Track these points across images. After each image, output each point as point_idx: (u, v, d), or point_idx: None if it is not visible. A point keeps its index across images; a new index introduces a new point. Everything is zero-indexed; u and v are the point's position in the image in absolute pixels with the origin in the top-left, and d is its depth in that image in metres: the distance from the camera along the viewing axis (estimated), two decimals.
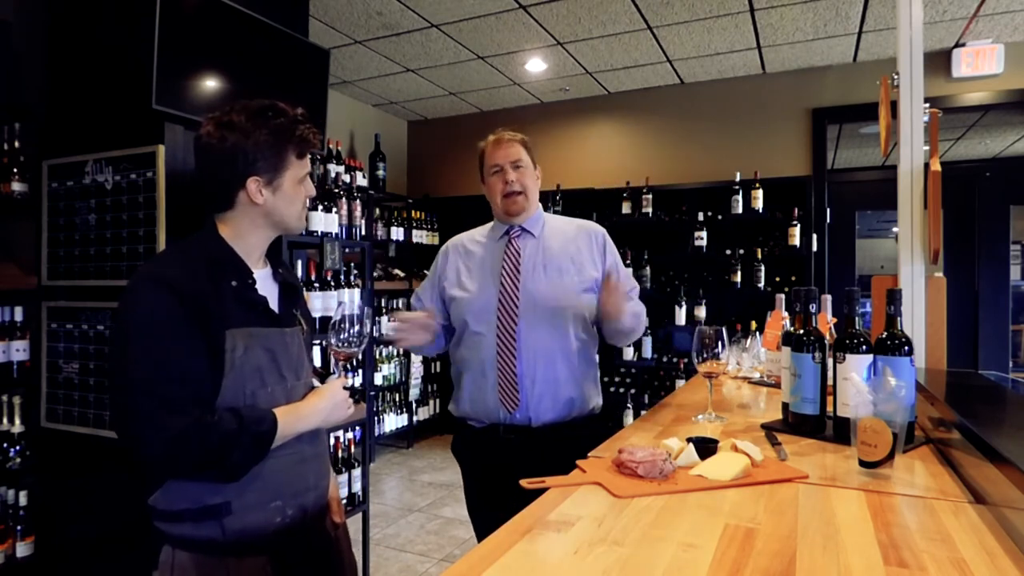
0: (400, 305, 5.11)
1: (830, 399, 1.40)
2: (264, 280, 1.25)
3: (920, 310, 1.71)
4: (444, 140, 5.90)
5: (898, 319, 1.30)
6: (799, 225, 4.37)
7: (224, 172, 1.17)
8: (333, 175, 4.17)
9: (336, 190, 3.95)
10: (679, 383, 4.51)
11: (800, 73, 4.62)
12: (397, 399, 5.06)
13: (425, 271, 1.88)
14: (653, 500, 0.99)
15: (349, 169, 4.49)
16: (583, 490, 1.04)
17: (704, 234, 4.60)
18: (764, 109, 4.73)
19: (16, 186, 2.26)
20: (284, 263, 1.36)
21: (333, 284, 3.38)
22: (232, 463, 1.08)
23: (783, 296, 2.01)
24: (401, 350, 5.10)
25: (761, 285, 4.45)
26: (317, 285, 3.27)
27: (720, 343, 1.50)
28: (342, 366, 1.32)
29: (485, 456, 1.75)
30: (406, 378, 5.13)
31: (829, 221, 4.75)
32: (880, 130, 2.01)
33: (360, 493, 2.84)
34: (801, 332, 1.39)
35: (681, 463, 1.14)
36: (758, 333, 2.36)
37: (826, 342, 1.39)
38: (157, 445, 1.04)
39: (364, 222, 4.34)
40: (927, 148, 1.74)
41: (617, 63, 4.54)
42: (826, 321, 1.91)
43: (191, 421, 1.05)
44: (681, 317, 4.62)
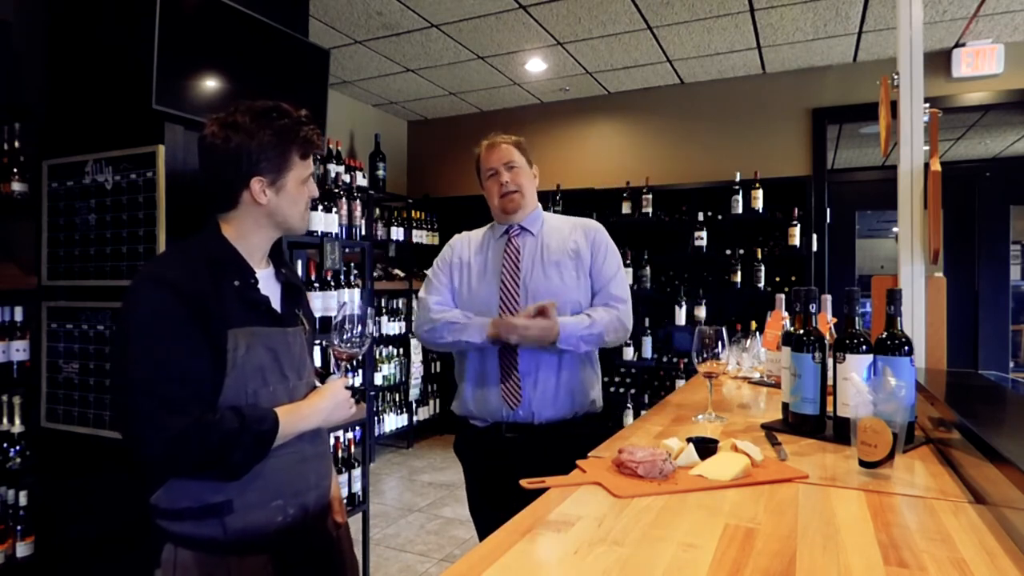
0: (400, 305, 5.11)
1: (830, 399, 1.40)
2: (267, 280, 1.25)
3: (920, 310, 1.71)
4: (444, 140, 5.90)
5: (898, 319, 1.30)
6: (799, 225, 4.37)
7: (228, 172, 1.18)
8: (333, 175, 4.18)
9: (336, 190, 3.95)
10: (679, 383, 4.51)
11: (800, 73, 4.62)
12: (397, 399, 5.06)
13: (425, 271, 1.88)
14: (653, 500, 0.99)
15: (349, 169, 4.49)
16: (583, 490, 1.04)
17: (704, 234, 4.60)
18: (764, 109, 4.73)
19: (16, 186, 2.26)
20: (287, 263, 1.36)
21: (333, 284, 3.38)
22: (233, 462, 1.09)
23: (783, 296, 2.01)
24: (401, 350, 5.11)
25: (761, 285, 4.45)
26: (317, 285, 3.27)
27: (720, 343, 1.50)
28: (344, 366, 1.33)
29: (487, 456, 1.76)
30: (406, 378, 5.13)
31: (829, 221, 4.75)
32: (880, 130, 2.01)
33: (360, 493, 2.84)
34: (801, 332, 1.39)
35: (681, 463, 1.14)
36: (758, 333, 2.36)
37: (826, 342, 1.39)
38: (157, 445, 1.05)
39: (364, 222, 4.35)
40: (927, 148, 1.74)
41: (617, 63, 4.54)
42: (826, 321, 1.91)
43: (191, 421, 1.05)
44: (681, 317, 4.62)
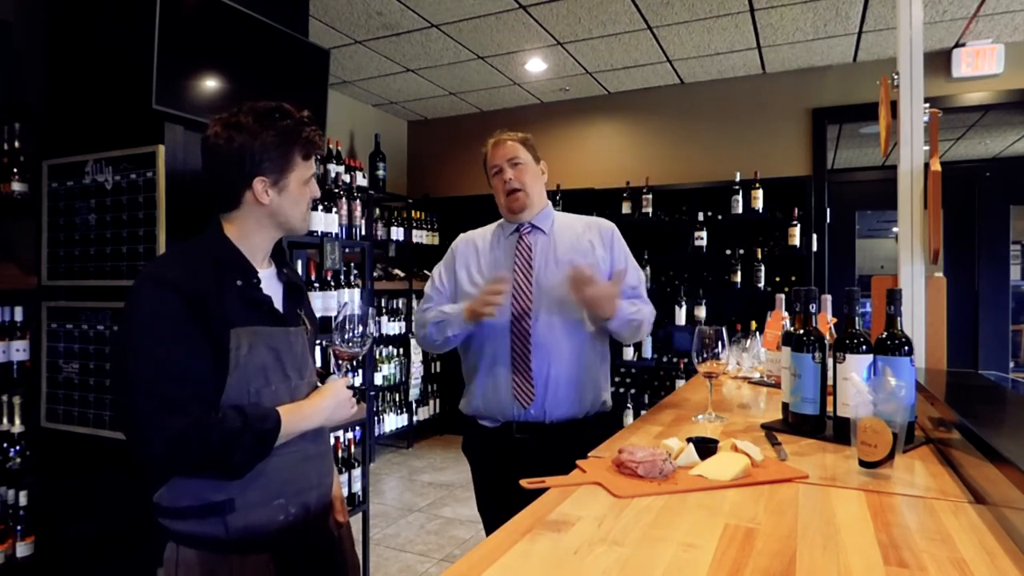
0: (400, 305, 5.11)
1: (830, 399, 1.40)
2: (269, 280, 1.26)
3: (920, 310, 1.71)
4: (444, 140, 5.90)
5: (898, 319, 1.30)
6: (799, 225, 4.37)
7: (231, 172, 1.18)
8: (333, 175, 4.18)
9: (336, 190, 3.96)
10: (679, 383, 4.51)
11: (800, 73, 4.62)
12: (397, 399, 5.06)
13: (426, 271, 1.86)
14: (653, 500, 0.99)
15: (349, 169, 4.49)
16: (583, 490, 1.04)
17: (704, 234, 4.60)
18: (764, 109, 4.73)
19: (16, 186, 2.26)
20: (288, 263, 1.36)
21: (333, 284, 3.38)
22: (235, 461, 1.09)
23: (783, 296, 2.01)
24: (401, 350, 5.11)
25: (761, 285, 4.45)
26: (317, 285, 3.27)
27: (720, 343, 1.50)
28: (344, 366, 1.33)
29: (496, 456, 1.73)
30: (406, 378, 5.13)
31: (829, 221, 4.75)
32: (880, 130, 2.01)
33: (360, 493, 2.84)
34: (801, 332, 1.39)
35: (681, 463, 1.14)
36: (758, 333, 2.36)
37: (826, 342, 1.39)
38: (157, 445, 1.05)
39: (364, 222, 4.35)
40: (927, 148, 1.74)
41: (617, 63, 4.54)
42: (826, 321, 1.91)
43: (191, 421, 1.05)
44: (681, 317, 4.63)
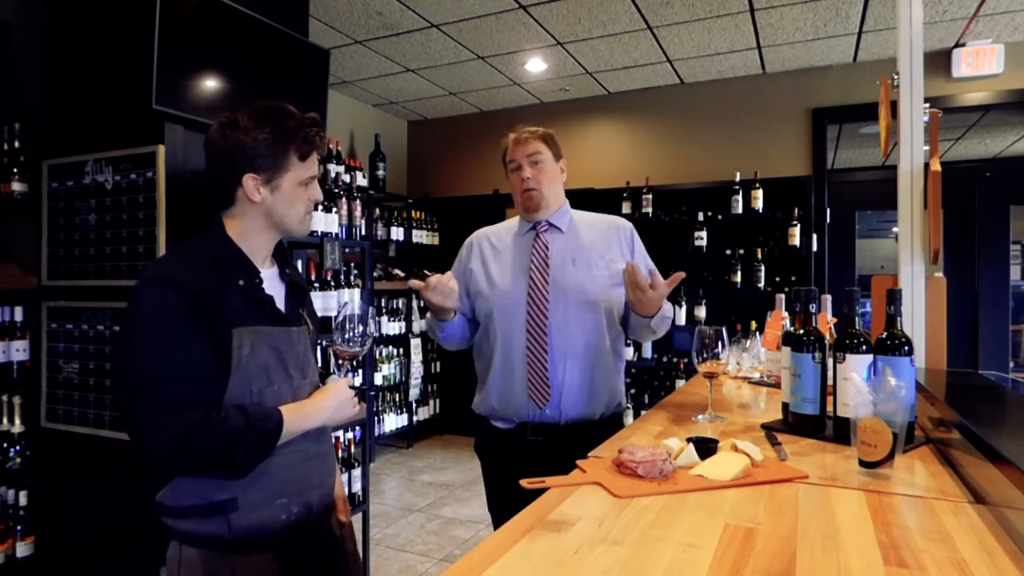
0: (400, 305, 5.11)
1: (830, 399, 1.40)
2: (271, 280, 1.26)
3: (920, 310, 1.71)
4: (444, 140, 5.90)
5: (898, 319, 1.30)
6: (799, 225, 4.37)
7: (223, 168, 1.19)
8: (333, 175, 4.18)
9: (336, 190, 3.96)
10: (679, 383, 4.51)
11: (800, 73, 4.62)
12: (397, 399, 5.06)
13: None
14: (653, 500, 0.99)
15: (349, 169, 4.49)
16: (583, 490, 1.04)
17: (704, 234, 4.60)
18: (764, 109, 4.73)
19: (16, 186, 2.26)
20: (291, 263, 1.36)
21: (333, 284, 3.39)
22: (237, 460, 1.09)
23: (783, 296, 2.00)
24: (401, 350, 5.11)
25: (761, 285, 4.45)
26: (317, 285, 3.28)
27: (720, 343, 1.50)
28: (345, 366, 1.33)
29: (510, 457, 1.70)
30: (406, 378, 5.13)
31: (829, 221, 4.75)
32: (880, 130, 2.01)
33: (360, 493, 2.84)
34: (801, 332, 1.39)
35: (681, 463, 1.14)
36: (758, 333, 2.36)
37: (826, 342, 1.39)
38: (158, 444, 1.05)
39: (364, 222, 4.35)
40: (927, 148, 1.74)
41: (617, 63, 4.54)
42: (826, 321, 1.91)
43: (192, 421, 1.05)
44: (681, 317, 4.63)
